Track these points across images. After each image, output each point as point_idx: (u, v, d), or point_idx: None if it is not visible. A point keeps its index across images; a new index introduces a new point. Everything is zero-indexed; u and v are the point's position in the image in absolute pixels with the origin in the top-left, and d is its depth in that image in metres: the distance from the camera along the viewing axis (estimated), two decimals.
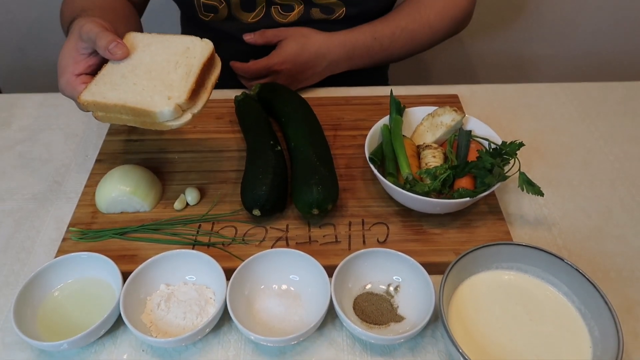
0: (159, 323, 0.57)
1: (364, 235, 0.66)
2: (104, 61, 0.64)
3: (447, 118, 0.72)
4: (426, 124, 0.74)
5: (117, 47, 0.61)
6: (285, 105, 0.79)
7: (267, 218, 0.68)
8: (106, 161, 0.77)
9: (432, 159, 0.68)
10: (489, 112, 0.88)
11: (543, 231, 0.69)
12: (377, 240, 0.65)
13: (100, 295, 0.60)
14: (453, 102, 0.87)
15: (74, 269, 0.61)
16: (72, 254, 0.61)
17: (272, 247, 0.64)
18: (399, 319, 0.58)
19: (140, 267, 0.59)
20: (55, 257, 0.63)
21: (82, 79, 0.62)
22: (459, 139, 0.70)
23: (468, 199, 0.62)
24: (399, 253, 0.60)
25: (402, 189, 0.63)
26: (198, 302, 0.59)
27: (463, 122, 0.73)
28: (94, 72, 0.63)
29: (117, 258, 0.61)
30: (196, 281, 0.61)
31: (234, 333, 0.58)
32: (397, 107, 0.74)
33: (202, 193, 0.72)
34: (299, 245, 0.65)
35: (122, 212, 0.69)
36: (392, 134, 0.71)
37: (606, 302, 0.53)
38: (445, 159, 0.69)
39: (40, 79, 1.44)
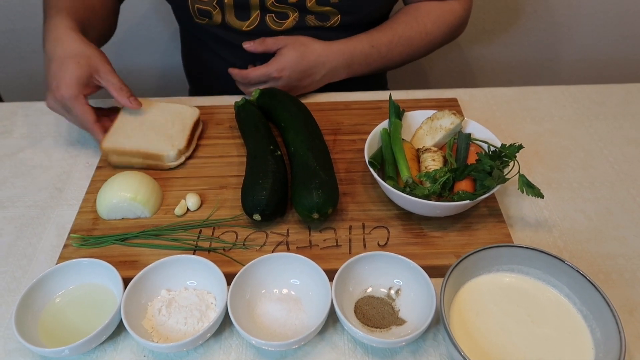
0: (160, 328, 0.57)
1: (364, 239, 0.66)
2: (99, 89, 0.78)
3: (446, 121, 0.72)
4: (425, 128, 0.74)
5: (135, 101, 0.78)
6: (285, 111, 0.79)
7: (267, 223, 0.68)
8: (107, 168, 0.77)
9: (432, 162, 0.68)
10: (488, 116, 0.88)
11: (544, 233, 0.69)
12: (378, 244, 0.65)
13: (101, 301, 0.60)
14: (452, 105, 0.87)
15: (75, 275, 0.61)
16: (73, 260, 0.61)
17: (272, 252, 0.64)
18: (400, 322, 0.58)
19: (141, 272, 0.59)
20: (57, 263, 0.63)
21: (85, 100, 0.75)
22: (459, 142, 0.70)
23: (468, 201, 0.62)
24: (400, 256, 0.60)
25: (402, 192, 0.63)
26: (199, 307, 0.59)
27: (462, 125, 0.73)
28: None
29: (118, 264, 0.61)
30: (197, 286, 0.61)
31: (235, 338, 0.58)
32: (396, 111, 0.74)
33: (203, 198, 0.72)
34: (299, 250, 0.65)
35: (123, 219, 0.69)
36: (391, 137, 0.71)
37: (608, 304, 0.53)
38: (445, 162, 0.69)
39: (42, 87, 1.45)
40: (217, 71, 1.00)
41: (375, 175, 0.66)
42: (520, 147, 0.66)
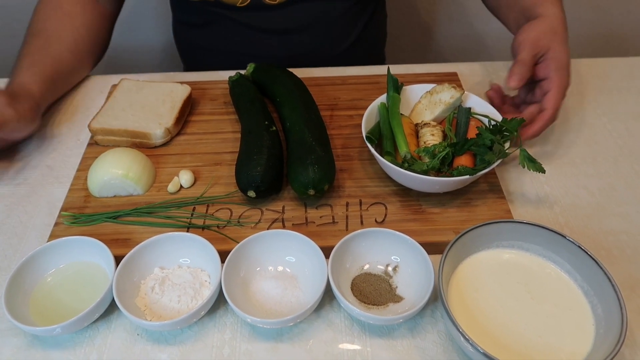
0: (154, 307, 0.56)
1: (361, 216, 0.65)
2: None
3: (446, 95, 0.70)
4: (424, 102, 0.72)
5: None
6: (281, 86, 0.77)
7: (262, 200, 0.66)
8: (98, 145, 0.76)
9: (431, 137, 0.66)
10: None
11: (545, 209, 0.67)
12: (375, 221, 0.64)
13: (93, 279, 0.59)
14: (452, 79, 0.85)
15: (66, 253, 0.60)
16: (64, 238, 0.60)
17: (268, 229, 0.63)
18: (397, 299, 0.57)
19: (133, 250, 0.58)
20: (48, 241, 0.62)
21: None
22: (458, 116, 0.69)
23: (468, 176, 0.61)
24: (397, 233, 0.58)
25: (400, 168, 0.62)
26: (193, 285, 0.58)
27: (462, 99, 0.71)
28: None
29: (111, 242, 0.60)
30: (190, 264, 0.60)
31: (230, 316, 0.57)
32: (395, 85, 0.72)
33: (196, 175, 0.70)
34: (295, 227, 0.63)
35: (115, 196, 0.68)
36: (389, 112, 0.69)
37: (609, 279, 0.52)
38: (444, 137, 0.68)
39: None
40: (210, 49, 0.97)
41: (372, 150, 0.64)
42: (522, 120, 0.64)
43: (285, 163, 0.68)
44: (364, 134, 0.66)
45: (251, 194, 0.64)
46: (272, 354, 0.54)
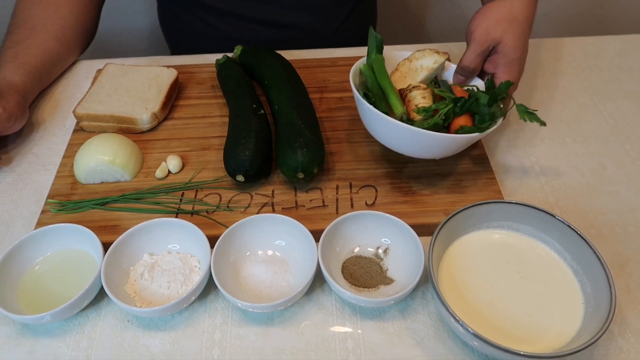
0: (143, 293, 0.56)
1: (351, 199, 0.64)
2: None
3: (428, 61, 0.66)
4: (403, 70, 0.68)
5: None
6: (269, 68, 0.76)
7: (251, 184, 0.66)
8: (84, 131, 0.75)
9: (422, 100, 0.62)
10: None
11: (535, 190, 0.67)
12: (366, 203, 0.64)
13: (82, 267, 0.58)
14: None
15: (54, 241, 0.59)
16: (51, 225, 0.59)
17: (257, 213, 0.62)
18: (388, 281, 0.57)
19: (121, 237, 0.57)
20: (35, 229, 0.61)
21: None
22: (441, 88, 0.66)
23: (477, 134, 0.58)
24: (387, 215, 0.58)
25: (411, 125, 0.57)
26: (182, 270, 0.57)
27: (445, 67, 0.68)
28: None
29: (99, 229, 0.60)
30: (180, 250, 0.60)
31: (221, 301, 0.57)
32: (379, 46, 0.66)
33: (185, 160, 0.70)
34: (285, 211, 0.63)
35: (102, 182, 0.67)
36: (376, 74, 0.64)
37: (599, 258, 0.52)
38: (434, 100, 0.65)
39: None
40: (195, 33, 0.96)
41: (373, 109, 0.58)
42: (509, 83, 0.61)
43: (274, 146, 0.68)
44: (358, 94, 0.60)
45: (240, 178, 0.63)
46: (263, 338, 0.54)
